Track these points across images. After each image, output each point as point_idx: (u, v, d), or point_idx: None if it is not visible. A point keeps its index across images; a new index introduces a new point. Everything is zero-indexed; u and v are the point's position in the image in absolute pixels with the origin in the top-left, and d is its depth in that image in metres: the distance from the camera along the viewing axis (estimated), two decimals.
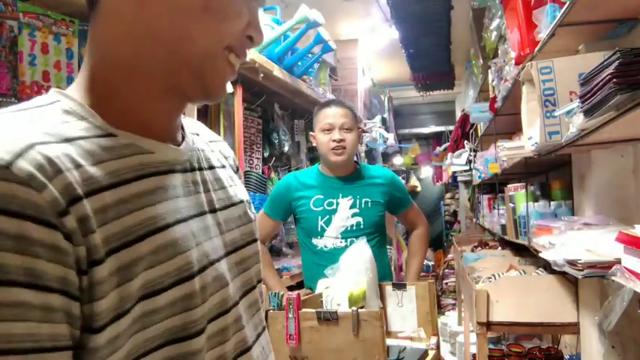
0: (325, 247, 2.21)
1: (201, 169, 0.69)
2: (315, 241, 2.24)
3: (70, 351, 0.48)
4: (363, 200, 2.23)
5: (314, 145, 2.36)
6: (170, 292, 0.56)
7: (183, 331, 0.58)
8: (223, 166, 0.76)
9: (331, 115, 2.26)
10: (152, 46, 0.59)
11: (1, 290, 0.43)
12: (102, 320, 0.50)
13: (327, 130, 2.25)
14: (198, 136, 0.75)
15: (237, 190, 0.76)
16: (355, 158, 2.52)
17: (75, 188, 0.49)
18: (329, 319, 1.55)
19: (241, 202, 0.75)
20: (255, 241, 0.76)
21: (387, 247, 2.68)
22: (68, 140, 0.53)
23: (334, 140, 2.22)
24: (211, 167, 0.72)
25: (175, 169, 0.63)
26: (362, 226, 2.20)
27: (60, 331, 0.47)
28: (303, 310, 1.60)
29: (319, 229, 2.21)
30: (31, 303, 0.45)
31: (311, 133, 2.39)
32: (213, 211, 0.68)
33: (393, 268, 4.22)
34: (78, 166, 0.51)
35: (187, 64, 0.60)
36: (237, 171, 0.83)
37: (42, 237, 0.46)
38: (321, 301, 1.75)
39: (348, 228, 2.19)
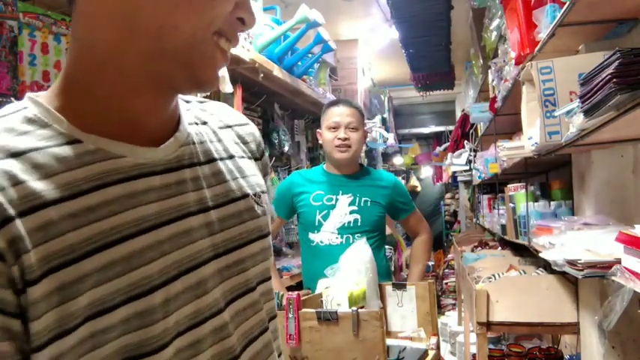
0: (321, 242, 2.22)
1: (193, 164, 0.64)
2: (311, 236, 2.25)
3: None
4: (363, 199, 2.24)
5: (320, 142, 2.39)
6: (121, 309, 0.53)
7: (141, 347, 0.55)
8: (231, 157, 0.71)
9: (338, 114, 2.29)
10: (132, 36, 0.55)
11: None
12: (39, 340, 0.48)
13: (334, 128, 2.28)
14: (205, 125, 0.70)
15: (244, 182, 0.70)
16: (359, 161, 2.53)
17: (5, 209, 0.47)
18: (329, 319, 1.55)
19: (246, 196, 0.69)
20: (263, 237, 0.71)
21: (387, 247, 2.68)
22: (15, 155, 0.51)
23: (339, 138, 2.25)
24: (210, 161, 0.67)
25: (152, 171, 0.59)
26: (359, 224, 2.21)
27: (0, 348, 0.46)
28: (303, 310, 1.60)
29: (316, 224, 2.23)
30: None
31: (318, 130, 2.41)
32: (203, 210, 0.63)
33: (392, 269, 4.22)
34: (17, 183, 0.49)
35: (172, 53, 0.56)
36: (261, 156, 0.78)
37: None
38: (321, 301, 1.75)
39: (345, 224, 2.21)
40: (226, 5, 0.58)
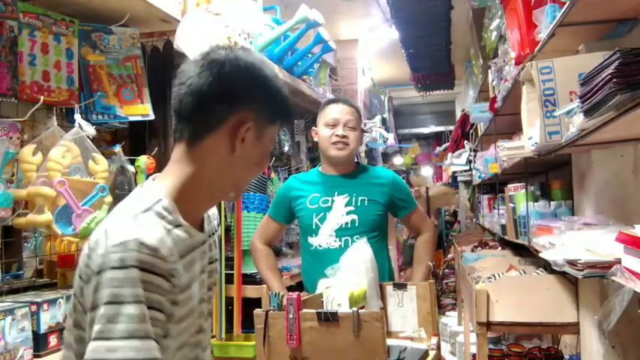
0: (320, 246, 2.19)
1: (210, 236, 1.12)
2: (310, 239, 2.23)
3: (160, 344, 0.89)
4: (360, 198, 2.20)
5: (315, 140, 2.34)
6: (187, 320, 1.00)
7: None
8: (214, 232, 1.16)
9: (337, 112, 2.25)
10: (226, 181, 1.03)
11: (152, 311, 0.87)
12: (167, 331, 0.93)
13: (332, 125, 2.23)
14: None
15: (216, 251, 1.16)
16: (356, 159, 2.51)
17: (175, 261, 0.93)
18: (329, 319, 1.55)
19: (217, 259, 1.18)
20: (213, 287, 1.16)
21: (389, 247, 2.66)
22: (168, 231, 0.94)
23: (337, 135, 2.21)
24: (211, 234, 1.13)
25: (199, 245, 1.04)
26: (357, 225, 2.17)
27: (161, 332, 0.89)
28: (304, 310, 1.59)
29: (314, 227, 2.20)
30: (158, 319, 0.88)
31: (313, 128, 2.36)
32: (210, 263, 1.11)
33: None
34: (172, 247, 0.93)
35: (237, 187, 1.08)
36: (219, 225, 1.24)
37: (164, 286, 0.90)
38: (322, 302, 1.75)
39: (343, 226, 2.18)
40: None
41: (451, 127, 7.74)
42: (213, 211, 1.19)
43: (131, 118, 2.06)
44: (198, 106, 0.98)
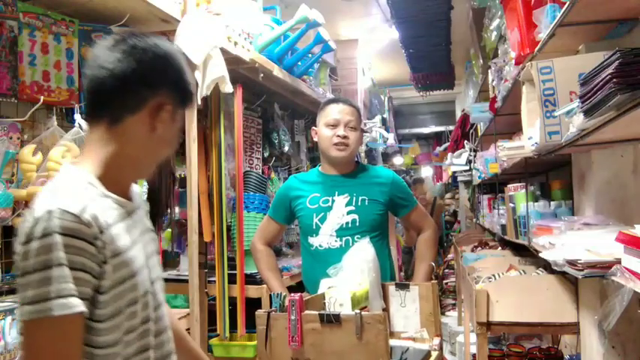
0: (320, 246, 2.19)
1: (139, 208, 1.20)
2: (310, 239, 2.22)
3: (88, 300, 0.97)
4: (360, 198, 2.20)
5: (315, 139, 2.33)
6: (130, 281, 1.07)
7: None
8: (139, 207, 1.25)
9: (338, 112, 2.24)
10: (146, 158, 1.14)
11: (74, 272, 0.94)
12: (103, 289, 1.00)
13: (332, 125, 2.22)
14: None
15: (147, 220, 1.27)
16: (356, 159, 2.51)
17: (101, 226, 0.99)
18: (332, 321, 1.55)
19: (152, 229, 1.27)
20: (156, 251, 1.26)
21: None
22: (94, 200, 1.01)
23: (338, 136, 2.20)
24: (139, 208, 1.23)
25: (132, 213, 1.14)
26: (357, 224, 2.16)
27: (86, 290, 0.96)
28: (306, 312, 1.59)
29: (314, 227, 2.19)
30: (82, 278, 0.95)
31: (313, 127, 2.35)
32: (150, 231, 1.22)
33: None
34: (99, 215, 0.99)
35: (154, 165, 1.18)
36: (145, 202, 1.34)
37: (89, 249, 0.97)
38: (324, 302, 1.75)
39: (343, 225, 2.17)
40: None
41: (451, 127, 7.73)
42: (135, 189, 1.28)
43: None
44: (121, 89, 1.05)
